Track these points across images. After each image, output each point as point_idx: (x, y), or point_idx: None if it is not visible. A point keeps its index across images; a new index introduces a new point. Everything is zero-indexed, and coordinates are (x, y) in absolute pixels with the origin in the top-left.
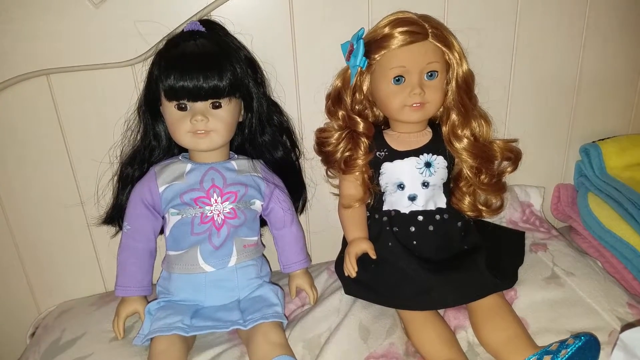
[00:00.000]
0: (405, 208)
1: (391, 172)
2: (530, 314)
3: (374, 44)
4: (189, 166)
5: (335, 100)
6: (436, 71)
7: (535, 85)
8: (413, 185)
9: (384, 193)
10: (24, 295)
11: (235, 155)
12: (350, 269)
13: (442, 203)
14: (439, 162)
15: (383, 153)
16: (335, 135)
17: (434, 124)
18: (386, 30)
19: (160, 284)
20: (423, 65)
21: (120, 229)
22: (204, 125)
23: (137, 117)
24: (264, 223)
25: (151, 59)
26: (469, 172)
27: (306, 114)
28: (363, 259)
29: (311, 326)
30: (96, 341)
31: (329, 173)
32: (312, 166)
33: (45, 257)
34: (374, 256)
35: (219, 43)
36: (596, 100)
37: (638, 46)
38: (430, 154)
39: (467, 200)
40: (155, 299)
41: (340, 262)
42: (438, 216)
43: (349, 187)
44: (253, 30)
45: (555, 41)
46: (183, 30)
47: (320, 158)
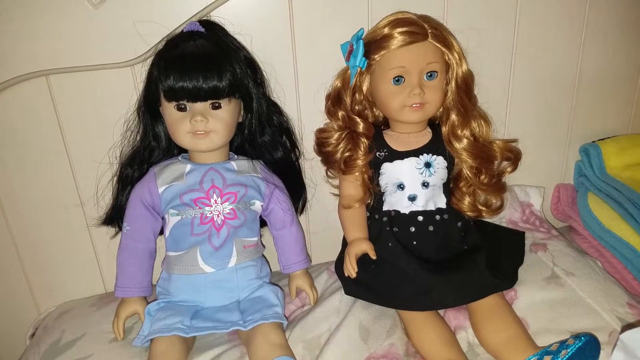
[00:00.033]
0: (405, 208)
1: (391, 173)
2: (530, 314)
3: (373, 44)
4: (188, 167)
5: (335, 100)
6: (436, 71)
7: (535, 85)
8: (413, 185)
9: (383, 193)
10: (23, 296)
11: (235, 156)
12: (350, 269)
13: (442, 203)
14: (439, 163)
15: (383, 153)
16: (335, 136)
17: (433, 124)
18: (386, 30)
19: (160, 285)
20: (423, 66)
21: (120, 229)
22: (204, 125)
23: (137, 118)
24: (264, 224)
25: (151, 59)
26: (468, 172)
27: (306, 114)
28: (363, 260)
29: (311, 327)
30: (96, 342)
31: (328, 173)
32: (312, 166)
33: (45, 258)
34: (374, 256)
35: (218, 43)
36: (596, 100)
37: (638, 44)
38: (430, 154)
39: (467, 200)
40: (155, 299)
41: (340, 263)
42: (438, 216)
43: (349, 188)
44: (252, 31)
45: (555, 40)
46: (182, 30)
47: (320, 158)
